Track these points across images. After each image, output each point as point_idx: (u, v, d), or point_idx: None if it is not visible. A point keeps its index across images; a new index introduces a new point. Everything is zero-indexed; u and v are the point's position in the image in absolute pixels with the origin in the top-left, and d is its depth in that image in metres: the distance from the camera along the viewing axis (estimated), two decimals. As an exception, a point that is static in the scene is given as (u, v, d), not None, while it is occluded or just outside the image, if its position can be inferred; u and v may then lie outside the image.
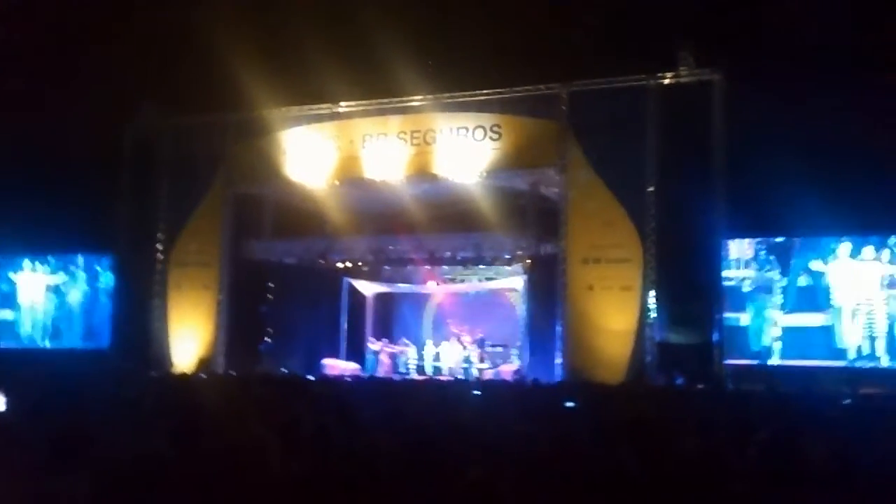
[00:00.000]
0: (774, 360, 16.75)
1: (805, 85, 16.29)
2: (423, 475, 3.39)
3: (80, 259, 23.03)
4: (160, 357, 20.39)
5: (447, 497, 2.73)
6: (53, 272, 23.28)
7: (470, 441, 4.55)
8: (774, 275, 17.08)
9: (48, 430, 3.65)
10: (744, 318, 17.18)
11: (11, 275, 23.49)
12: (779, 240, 17.29)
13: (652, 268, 16.83)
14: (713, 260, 16.98)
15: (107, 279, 22.47)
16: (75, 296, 22.89)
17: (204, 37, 18.52)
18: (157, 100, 21.29)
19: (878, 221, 16.05)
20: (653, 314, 16.78)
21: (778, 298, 16.96)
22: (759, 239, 17.41)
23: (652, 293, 16.81)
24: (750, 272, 17.30)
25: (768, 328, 16.94)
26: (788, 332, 16.83)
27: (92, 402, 6.27)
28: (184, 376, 14.38)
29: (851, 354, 16.31)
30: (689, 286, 16.69)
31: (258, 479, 3.27)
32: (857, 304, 16.37)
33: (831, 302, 16.57)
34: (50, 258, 23.29)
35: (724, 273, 17.20)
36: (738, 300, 17.23)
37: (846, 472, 4.04)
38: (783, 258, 17.06)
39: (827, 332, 16.52)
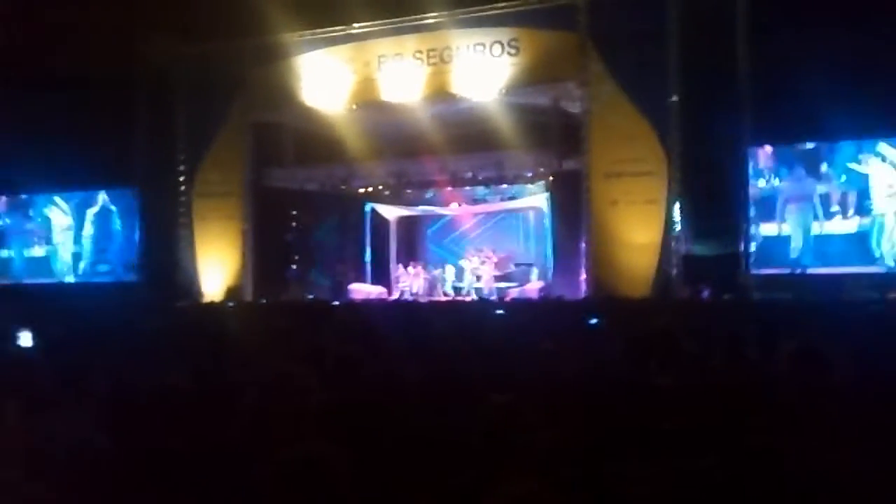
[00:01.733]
0: (810, 269, 16.43)
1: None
2: (447, 400, 3.40)
3: (104, 193, 23.09)
4: (189, 288, 20.64)
5: (472, 422, 2.74)
6: (79, 207, 23.41)
7: (494, 363, 4.56)
8: (808, 182, 16.64)
9: (56, 363, 3.68)
10: (778, 228, 16.79)
11: (45, 210, 23.68)
12: (809, 146, 16.83)
13: (676, 180, 16.61)
14: (739, 170, 16.71)
15: (132, 212, 22.56)
16: (102, 230, 23.05)
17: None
18: (171, 27, 20.98)
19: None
20: (678, 227, 16.64)
21: (813, 205, 16.54)
22: (787, 146, 16.97)
23: (677, 206, 16.64)
24: (782, 181, 16.87)
25: (803, 237, 16.58)
26: (823, 239, 16.50)
27: (116, 335, 6.34)
28: (212, 305, 14.54)
29: (888, 261, 15.99)
30: (714, 197, 16.48)
31: (282, 408, 3.29)
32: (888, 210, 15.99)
33: (870, 206, 16.16)
34: (75, 193, 23.38)
35: (757, 182, 16.85)
36: (772, 209, 16.86)
37: (870, 379, 4.01)
38: (816, 164, 16.64)
39: (862, 238, 16.18)
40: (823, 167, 16.57)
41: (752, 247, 16.56)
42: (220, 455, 3.17)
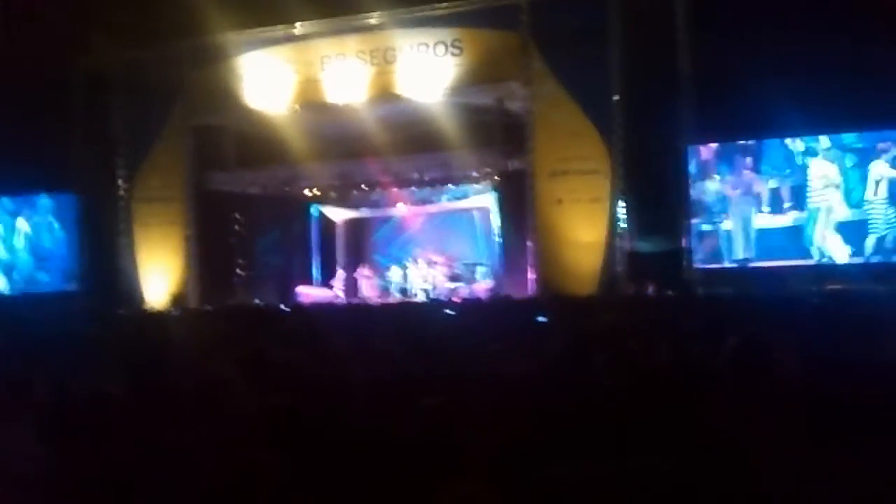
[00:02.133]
0: (752, 263, 16.73)
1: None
2: (391, 403, 3.33)
3: (40, 200, 22.48)
4: (131, 295, 20.20)
5: (414, 425, 2.68)
6: (13, 215, 22.74)
7: (441, 364, 4.49)
8: (749, 178, 16.93)
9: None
10: (722, 224, 17.05)
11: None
12: (749, 143, 17.10)
13: (620, 178, 16.77)
14: (681, 167, 16.95)
15: (69, 219, 22.00)
16: (38, 238, 22.43)
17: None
18: (107, 32, 20.53)
19: (851, 118, 15.85)
20: (622, 224, 16.80)
21: (753, 201, 16.84)
22: (728, 143, 17.23)
23: (620, 203, 16.80)
24: (723, 177, 17.13)
25: (744, 231, 16.87)
26: (763, 233, 16.81)
27: (55, 344, 6.14)
28: (153, 313, 14.25)
29: (819, 253, 16.37)
30: (657, 194, 16.70)
31: (220, 414, 3.19)
32: (828, 203, 16.35)
33: (806, 202, 16.50)
34: (6, 200, 22.70)
35: (703, 180, 17.09)
36: (715, 205, 17.12)
37: (814, 370, 4.03)
38: (757, 161, 16.93)
39: (799, 231, 16.51)
40: (765, 162, 16.87)
41: (698, 242, 16.80)
42: (160, 462, 3.08)
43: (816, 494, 2.79)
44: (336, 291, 21.97)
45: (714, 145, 17.27)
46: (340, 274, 22.39)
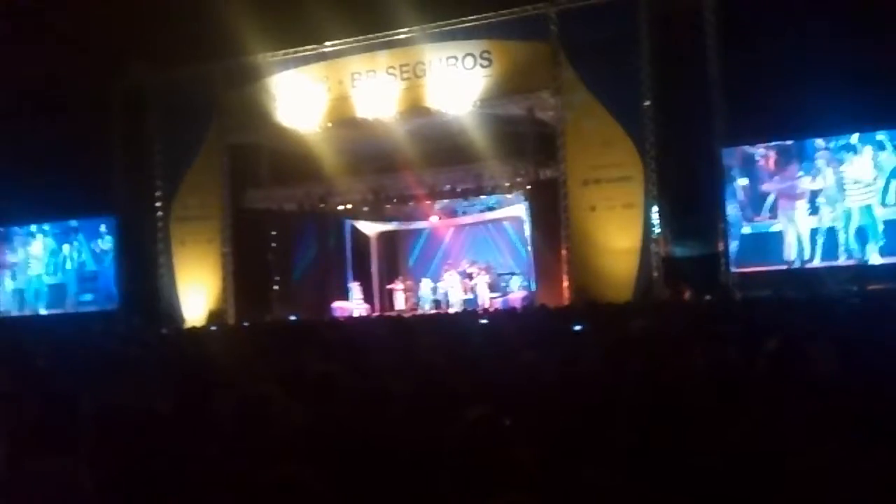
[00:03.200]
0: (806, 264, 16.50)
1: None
2: (429, 415, 3.37)
3: (81, 222, 22.93)
4: (170, 313, 20.52)
5: (451, 437, 2.71)
6: (57, 238, 23.22)
7: (477, 375, 4.53)
8: (793, 178, 16.71)
9: (37, 398, 3.63)
10: (770, 225, 16.84)
11: (20, 243, 23.43)
12: (788, 143, 16.88)
13: (653, 183, 16.72)
14: (714, 170, 16.83)
15: (110, 240, 22.40)
16: (80, 259, 22.87)
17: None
18: (144, 53, 20.94)
19: (880, 120, 15.66)
20: (657, 230, 16.72)
21: (801, 202, 16.62)
22: (767, 144, 17.02)
23: (654, 209, 16.73)
24: (769, 179, 16.94)
25: (793, 233, 16.64)
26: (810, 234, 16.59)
27: (97, 364, 6.27)
28: (193, 330, 14.44)
29: (858, 253, 16.10)
30: (691, 199, 16.61)
31: (261, 431, 3.25)
32: (857, 203, 16.12)
33: (842, 200, 16.27)
34: (51, 224, 23.20)
35: (740, 181, 16.94)
36: (760, 206, 16.91)
37: (853, 375, 4.01)
38: (799, 161, 16.73)
39: (834, 232, 16.26)
40: (807, 162, 16.65)
41: (734, 245, 16.63)
42: (203, 479, 3.14)
43: (853, 498, 2.79)
44: (355, 304, 21.94)
45: (763, 147, 17.00)
46: (356, 288, 22.20)
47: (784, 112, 15.38)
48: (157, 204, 21.15)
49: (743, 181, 16.99)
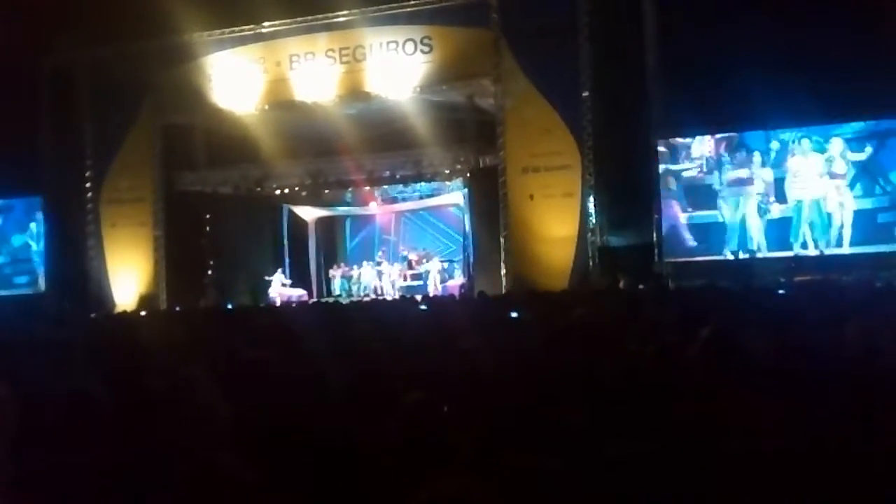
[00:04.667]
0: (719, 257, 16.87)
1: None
2: (366, 401, 3.32)
3: (8, 203, 22.18)
4: (100, 297, 19.99)
5: (387, 423, 2.66)
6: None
7: (415, 362, 4.49)
8: (736, 169, 17.04)
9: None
10: (718, 215, 17.14)
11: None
12: (730, 134, 17.16)
13: (591, 173, 16.86)
14: (650, 161, 17.07)
15: (37, 221, 21.72)
16: (8, 240, 22.13)
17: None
18: (75, 28, 20.25)
19: (818, 113, 16.03)
20: (593, 219, 16.89)
21: (743, 193, 16.94)
22: (703, 136, 17.30)
23: (591, 198, 16.88)
24: (702, 169, 17.23)
25: (737, 222, 16.95)
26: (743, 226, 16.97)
27: (24, 348, 6.05)
28: (123, 315, 14.09)
29: (796, 247, 16.53)
30: (627, 189, 16.81)
31: (192, 418, 3.16)
32: (805, 196, 16.53)
33: (786, 195, 16.65)
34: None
35: (686, 170, 17.18)
36: (700, 197, 17.23)
37: (785, 363, 4.08)
38: (742, 152, 17.05)
39: (783, 224, 16.63)
40: (743, 155, 16.98)
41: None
42: (132, 465, 3.05)
43: (788, 480, 2.83)
44: (291, 290, 21.46)
45: (706, 137, 17.25)
46: (279, 277, 21.57)
47: (722, 104, 15.64)
48: (87, 185, 20.54)
49: (683, 171, 17.28)
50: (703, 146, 17.35)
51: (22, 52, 19.59)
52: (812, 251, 16.32)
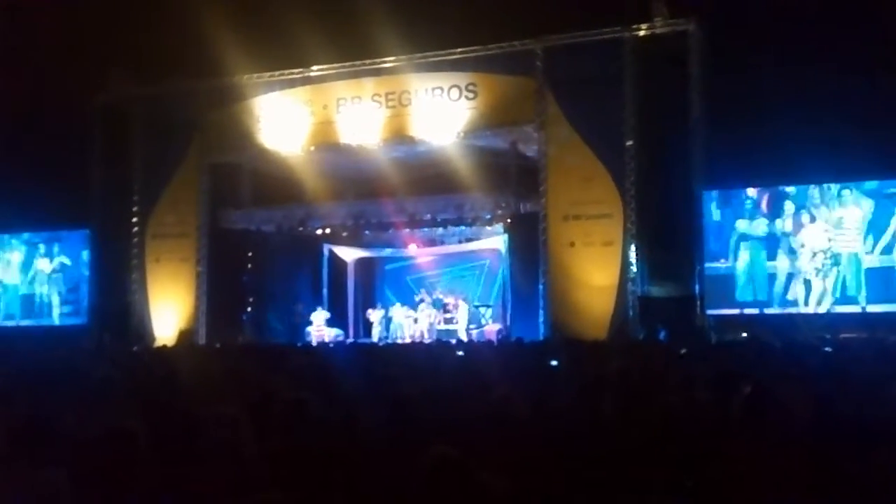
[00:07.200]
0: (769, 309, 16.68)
1: (781, 30, 16.14)
2: (398, 447, 3.32)
3: (57, 234, 22.68)
4: (141, 331, 20.24)
5: (415, 471, 2.66)
6: (31, 249, 22.94)
7: (449, 408, 4.48)
8: (765, 223, 16.92)
9: (10, 418, 3.54)
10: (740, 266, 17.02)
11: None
12: (776, 188, 17.05)
13: (632, 222, 16.79)
14: (693, 212, 16.95)
15: (84, 254, 22.15)
16: (54, 272, 22.58)
17: (174, 1, 18.11)
18: (127, 67, 20.85)
19: (861, 168, 15.88)
20: (634, 268, 16.77)
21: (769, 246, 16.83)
22: (746, 188, 17.21)
23: (633, 247, 16.79)
24: (745, 222, 17.14)
25: (763, 276, 16.80)
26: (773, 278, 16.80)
27: (65, 381, 6.15)
28: (163, 350, 14.25)
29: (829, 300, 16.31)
30: (669, 239, 16.70)
31: (230, 456, 3.19)
32: (828, 251, 16.36)
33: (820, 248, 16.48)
34: (26, 234, 22.93)
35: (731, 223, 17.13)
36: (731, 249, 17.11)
37: (825, 424, 4.00)
38: (774, 207, 16.95)
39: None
40: (781, 208, 16.86)
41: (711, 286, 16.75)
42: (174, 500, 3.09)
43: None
44: (329, 330, 21.44)
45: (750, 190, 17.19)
46: (322, 315, 21.48)
47: (765, 158, 15.56)
48: (134, 219, 20.92)
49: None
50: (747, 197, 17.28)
51: (76, 89, 20.16)
52: (854, 307, 16.05)
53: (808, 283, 16.50)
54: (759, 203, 17.11)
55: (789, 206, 16.80)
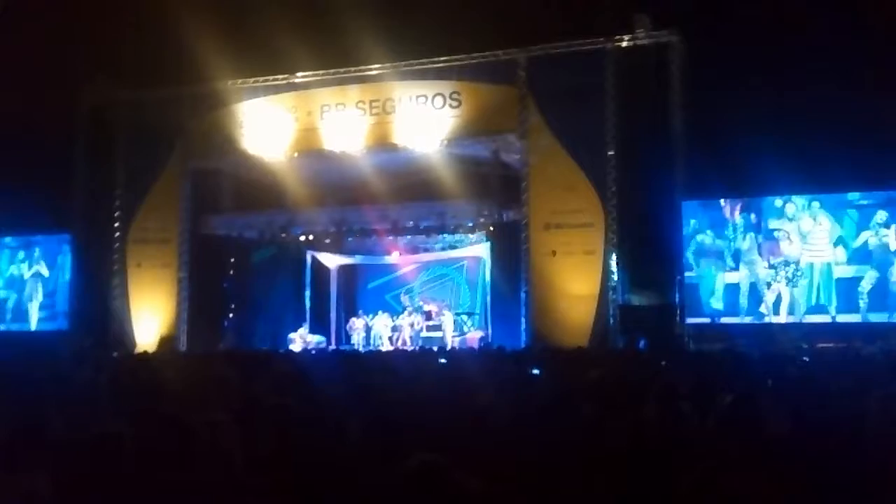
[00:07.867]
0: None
1: (762, 44, 16.33)
2: (380, 456, 3.36)
3: (38, 238, 22.53)
4: (121, 337, 20.13)
5: (396, 480, 2.70)
6: (10, 253, 22.77)
7: (430, 416, 4.52)
8: (739, 234, 17.14)
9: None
10: (729, 277, 17.19)
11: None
12: (749, 199, 17.27)
13: (613, 232, 16.94)
14: (673, 222, 17.12)
15: (63, 259, 22.02)
16: (33, 276, 22.43)
17: (158, 6, 18.07)
18: (111, 72, 20.78)
19: (837, 180, 16.10)
20: (615, 277, 16.90)
21: (753, 255, 17.02)
22: (719, 200, 17.43)
23: (614, 256, 16.92)
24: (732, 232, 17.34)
25: (748, 285, 16.99)
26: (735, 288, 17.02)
27: (47, 385, 6.14)
28: (144, 356, 14.20)
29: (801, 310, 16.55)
30: (649, 249, 16.85)
31: (214, 463, 3.21)
32: (811, 261, 16.58)
33: (793, 258, 16.69)
34: (6, 239, 22.76)
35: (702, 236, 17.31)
36: (710, 259, 17.29)
37: (803, 435, 4.07)
38: (749, 218, 17.15)
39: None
40: (755, 220, 17.06)
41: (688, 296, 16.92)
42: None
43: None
44: (311, 337, 21.40)
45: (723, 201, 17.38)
46: (301, 334, 21.29)
47: (745, 168, 15.72)
48: (115, 224, 20.83)
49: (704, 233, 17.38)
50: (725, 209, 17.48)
51: (60, 94, 20.08)
52: (825, 317, 16.29)
53: (778, 294, 16.68)
54: (732, 213, 17.32)
55: (758, 217, 17.06)
